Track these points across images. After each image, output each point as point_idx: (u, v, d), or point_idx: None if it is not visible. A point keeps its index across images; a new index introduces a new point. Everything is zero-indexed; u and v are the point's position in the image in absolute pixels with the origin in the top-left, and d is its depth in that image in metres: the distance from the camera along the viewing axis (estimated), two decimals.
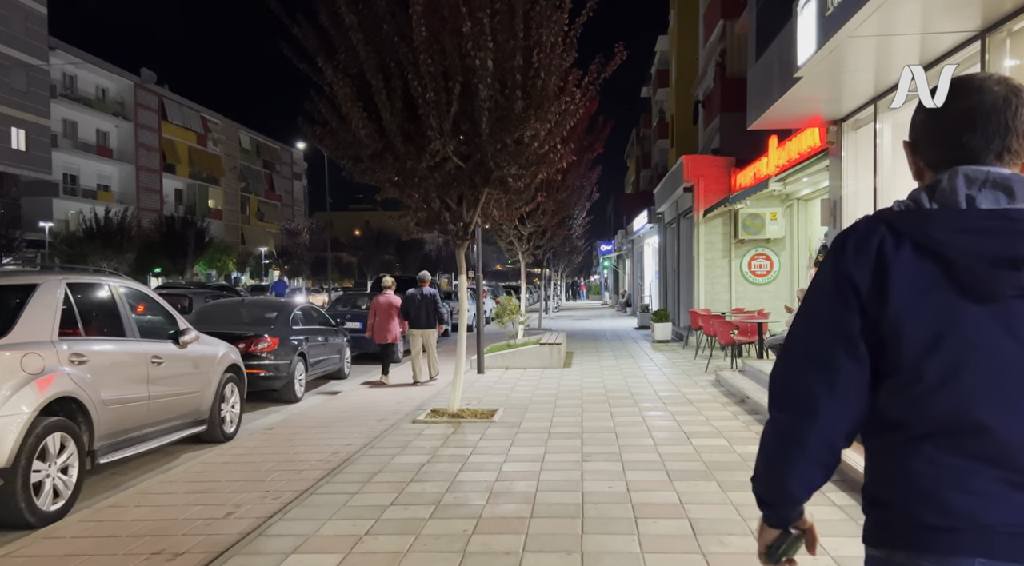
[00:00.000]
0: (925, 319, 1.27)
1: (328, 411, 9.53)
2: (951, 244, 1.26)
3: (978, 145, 1.33)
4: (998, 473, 1.25)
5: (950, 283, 1.26)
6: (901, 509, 1.31)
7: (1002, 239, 1.24)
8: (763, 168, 14.46)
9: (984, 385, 1.25)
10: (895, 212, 1.34)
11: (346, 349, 13.59)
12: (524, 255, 16.90)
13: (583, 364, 13.92)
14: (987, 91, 1.34)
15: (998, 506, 1.25)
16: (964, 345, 1.26)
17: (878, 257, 1.30)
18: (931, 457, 1.28)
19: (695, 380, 11.39)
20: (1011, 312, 1.25)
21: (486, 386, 11.16)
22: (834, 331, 1.34)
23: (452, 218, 8.67)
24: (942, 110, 1.37)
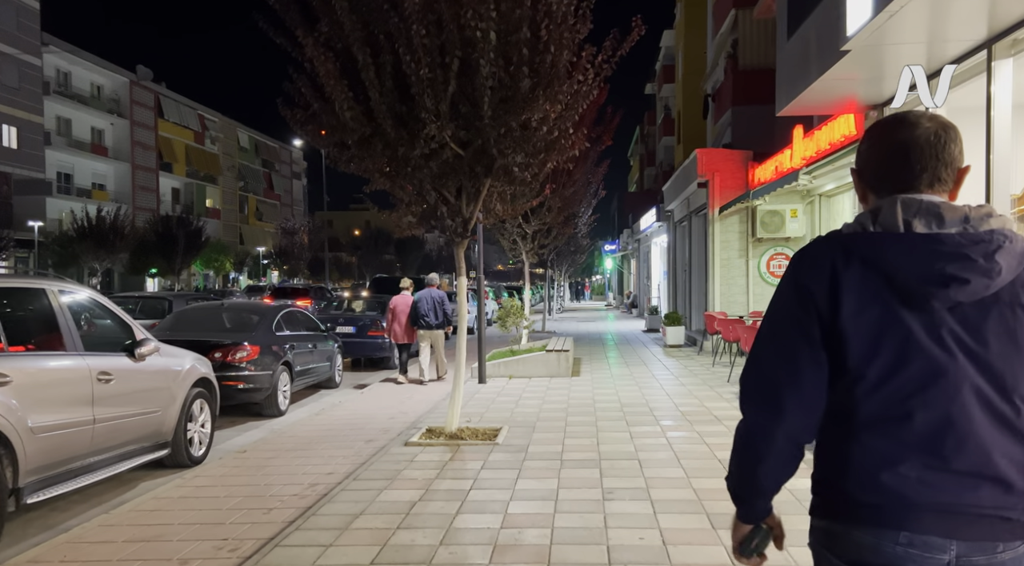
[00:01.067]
0: (869, 325, 1.48)
1: (313, 428, 8.54)
2: (891, 263, 1.47)
3: (912, 175, 1.55)
4: (923, 459, 1.45)
5: (890, 295, 1.48)
6: (841, 488, 1.51)
7: (932, 260, 1.45)
8: (786, 161, 13.46)
9: (914, 384, 1.46)
10: (846, 234, 1.56)
11: (337, 356, 12.60)
12: (528, 255, 15.92)
13: (593, 372, 12.92)
14: (920, 127, 1.55)
15: (922, 487, 1.44)
16: (899, 349, 1.47)
17: (832, 271, 1.50)
18: (868, 444, 1.48)
19: (718, 392, 10.39)
20: (939, 322, 1.47)
21: (488, 399, 10.16)
22: (797, 337, 1.53)
23: (450, 213, 7.69)
24: (882, 143, 1.59)
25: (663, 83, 44.32)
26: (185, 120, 63.36)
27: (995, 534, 1.42)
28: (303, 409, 10.35)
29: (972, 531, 1.42)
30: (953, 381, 1.44)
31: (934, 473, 1.43)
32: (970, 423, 1.43)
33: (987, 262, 1.43)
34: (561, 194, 15.30)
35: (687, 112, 35.29)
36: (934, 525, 1.42)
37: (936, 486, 1.43)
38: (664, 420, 8.32)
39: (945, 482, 1.43)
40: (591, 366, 13.91)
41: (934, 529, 1.42)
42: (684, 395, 10.19)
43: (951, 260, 1.44)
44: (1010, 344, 1.46)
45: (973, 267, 1.43)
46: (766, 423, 1.55)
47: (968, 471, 1.42)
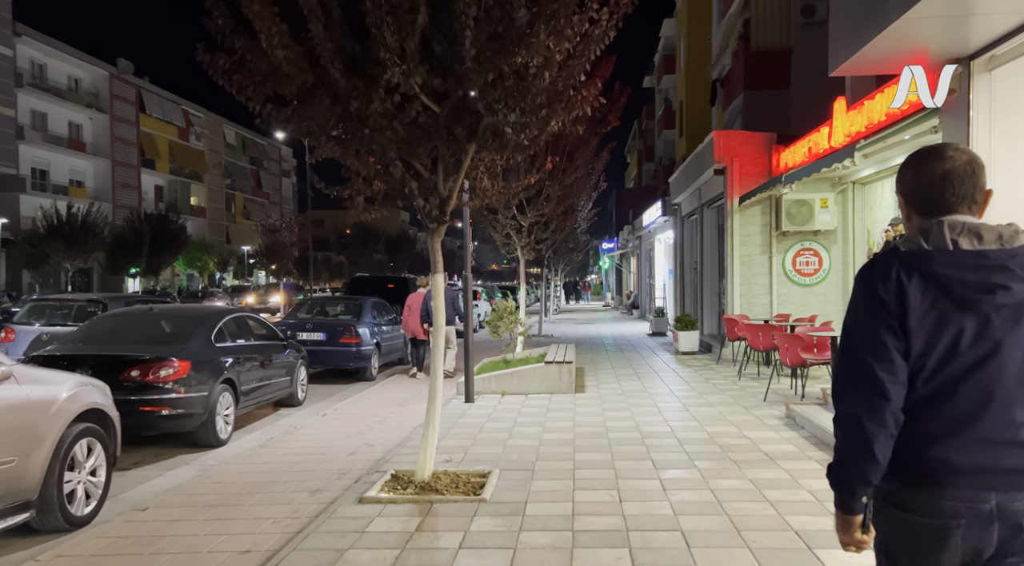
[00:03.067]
0: (929, 326, 1.83)
1: (251, 467, 6.67)
2: (945, 275, 1.84)
3: (956, 200, 1.92)
4: (968, 432, 1.82)
5: (947, 301, 1.83)
6: (902, 457, 1.86)
7: (980, 272, 1.83)
8: (823, 141, 11.62)
9: (963, 372, 1.83)
10: (904, 251, 1.90)
11: (300, 369, 10.72)
12: (524, 251, 14.08)
13: (600, 387, 11.05)
14: (957, 160, 1.92)
15: (965, 455, 1.82)
16: (952, 345, 1.83)
17: (898, 283, 1.86)
18: (922, 421, 1.86)
19: (757, 416, 8.53)
20: (987, 322, 1.83)
21: (475, 424, 8.30)
22: (883, 329, 1.85)
23: (422, 190, 5.81)
24: (925, 173, 1.95)
25: (663, 74, 42.54)
26: (168, 115, 61.29)
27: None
28: (251, 436, 8.48)
29: (1008, 483, 1.81)
30: (995, 370, 1.83)
31: (976, 444, 1.82)
32: (1008, 403, 1.83)
33: (1022, 270, 1.83)
34: (562, 181, 13.45)
35: (690, 102, 33.50)
36: (975, 483, 1.81)
37: (977, 453, 1.82)
38: (701, 460, 6.45)
39: (985, 450, 1.82)
40: (597, 379, 12.04)
41: (975, 486, 1.81)
42: (715, 419, 8.33)
43: (995, 271, 1.83)
44: None
45: (1013, 276, 1.83)
46: (874, 408, 1.84)
47: (1003, 441, 1.82)
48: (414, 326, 13.11)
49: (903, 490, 1.88)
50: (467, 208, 9.48)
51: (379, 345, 13.68)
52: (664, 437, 7.44)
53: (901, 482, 1.88)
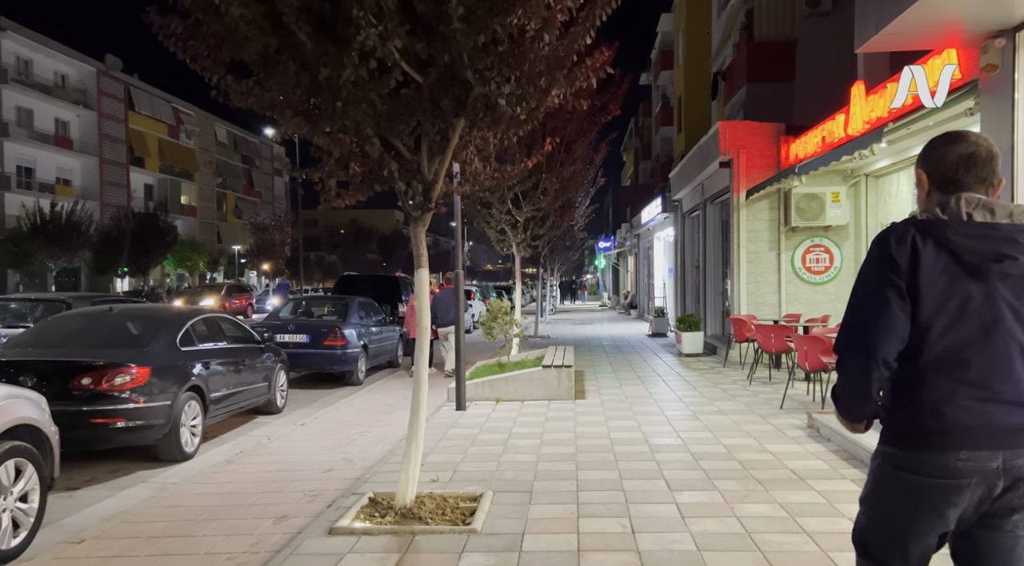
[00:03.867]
0: (939, 289, 1.99)
1: (214, 487, 5.92)
2: (958, 243, 2.01)
3: (974, 180, 2.10)
4: (977, 392, 1.97)
5: (957, 267, 1.99)
6: (914, 419, 2.01)
7: (990, 242, 2.00)
8: (838, 129, 10.91)
9: (971, 334, 1.98)
10: (921, 220, 2.07)
11: (279, 373, 9.96)
12: (519, 248, 13.33)
13: (602, 393, 10.31)
14: (979, 145, 2.11)
15: (975, 414, 1.96)
16: (961, 308, 1.98)
17: (912, 247, 2.01)
18: (933, 382, 2.00)
19: (776, 426, 7.80)
20: (993, 289, 1.98)
21: (467, 436, 7.55)
22: (888, 288, 2.01)
23: (403, 173, 5.06)
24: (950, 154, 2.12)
25: (660, 70, 41.85)
26: (158, 113, 60.30)
27: None
28: (221, 448, 7.71)
29: (1013, 441, 1.96)
30: (1002, 333, 1.98)
31: (985, 403, 1.96)
32: (1011, 364, 1.98)
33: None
34: (559, 174, 12.71)
35: (689, 97, 32.83)
36: (986, 442, 1.95)
37: (986, 413, 1.96)
38: (721, 479, 5.71)
39: (994, 409, 1.96)
40: (597, 383, 11.30)
41: (986, 445, 1.95)
42: (731, 430, 7.59)
43: (1004, 243, 2.00)
44: None
45: (1020, 248, 2.00)
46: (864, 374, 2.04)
47: (1010, 400, 1.97)
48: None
49: (915, 456, 2.01)
50: (457, 196, 8.74)
51: (366, 347, 12.93)
52: (676, 451, 6.70)
53: (914, 448, 2.02)
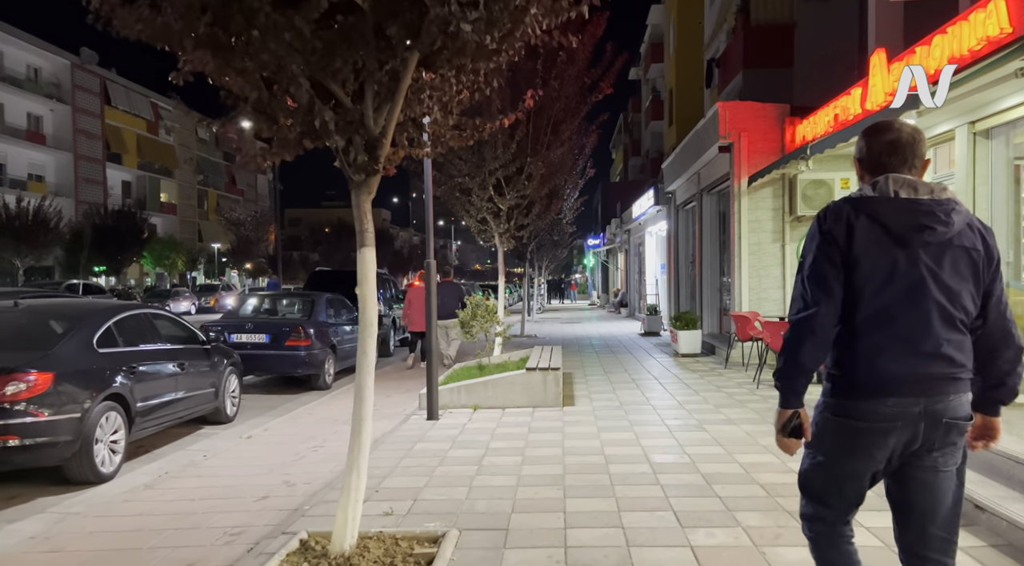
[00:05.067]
0: (871, 257, 2.27)
1: (117, 522, 4.78)
2: (886, 215, 2.29)
3: (898, 163, 2.38)
4: (903, 346, 2.25)
5: (886, 238, 2.28)
6: (852, 372, 2.31)
7: (913, 215, 2.28)
8: (853, 105, 9.86)
9: (898, 296, 2.27)
10: (855, 197, 2.37)
11: (229, 378, 8.81)
12: (503, 239, 12.22)
13: (593, 398, 9.21)
14: (902, 132, 2.39)
15: (901, 365, 2.25)
16: (889, 273, 2.27)
17: (847, 222, 2.31)
18: (866, 339, 2.28)
19: None
20: (916, 256, 2.27)
21: (435, 452, 6.42)
22: (826, 263, 2.31)
23: (341, 125, 3.92)
24: (878, 142, 2.41)
25: (650, 64, 40.90)
26: (136, 108, 58.76)
27: (947, 388, 2.27)
28: (151, 467, 6.53)
29: (933, 389, 2.26)
30: (923, 294, 2.27)
31: (910, 356, 2.25)
32: (931, 322, 2.26)
33: (946, 217, 2.27)
34: (546, 158, 11.60)
35: (680, 89, 31.82)
36: (910, 390, 2.25)
37: (911, 364, 2.25)
38: (745, 512, 4.61)
39: (917, 361, 2.25)
40: (588, 387, 10.20)
41: (910, 392, 2.25)
42: (744, 444, 6.50)
43: (925, 215, 2.27)
44: (956, 272, 2.29)
45: (938, 220, 2.27)
46: (808, 320, 2.30)
47: (930, 352, 2.25)
48: (414, 318, 13.31)
49: (852, 404, 2.31)
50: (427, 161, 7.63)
51: (335, 348, 11.78)
52: (684, 471, 5.60)
53: (849, 396, 2.32)
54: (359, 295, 4.10)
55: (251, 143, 3.97)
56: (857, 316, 2.28)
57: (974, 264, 2.30)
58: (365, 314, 4.05)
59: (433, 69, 4.01)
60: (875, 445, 2.28)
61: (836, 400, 2.34)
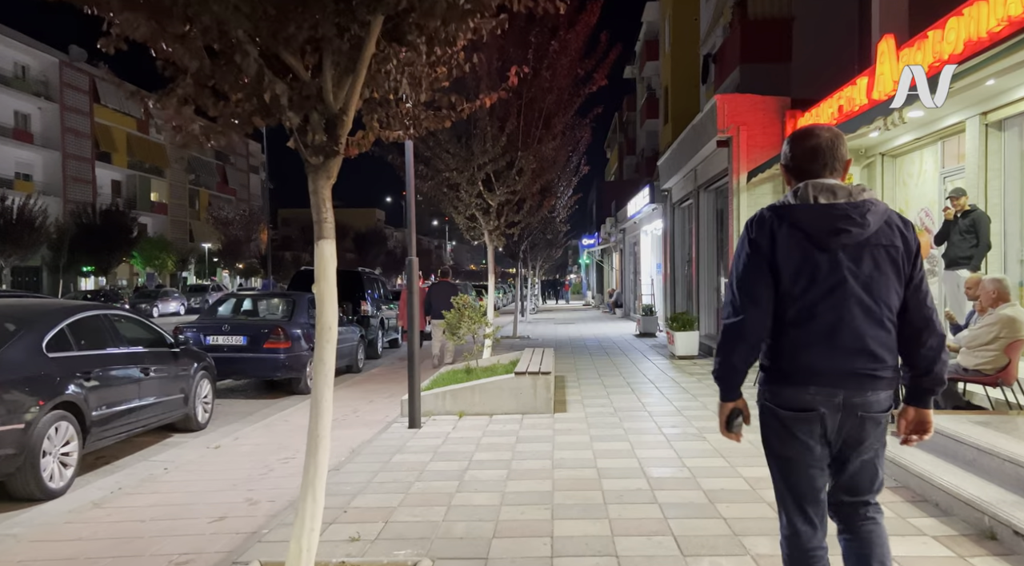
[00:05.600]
0: (794, 262, 2.40)
1: (49, 550, 4.28)
2: (806, 223, 2.41)
3: (819, 167, 2.49)
4: (825, 342, 2.38)
5: (807, 243, 2.40)
6: (780, 364, 2.45)
7: (831, 219, 2.39)
8: (859, 95, 9.41)
9: (820, 296, 2.39)
10: (778, 206, 2.49)
11: (201, 383, 8.31)
12: (493, 236, 11.74)
13: (586, 404, 8.73)
14: (821, 137, 2.51)
15: (823, 359, 2.38)
16: (812, 275, 2.39)
17: (771, 230, 2.43)
18: (792, 335, 2.42)
19: None
20: (836, 258, 2.39)
21: (413, 465, 5.93)
22: (755, 270, 2.43)
23: (297, 100, 3.44)
24: (800, 148, 2.54)
25: (645, 61, 40.44)
26: (126, 106, 57.91)
27: (865, 385, 2.39)
28: (107, 480, 6.02)
29: (852, 383, 2.39)
30: (844, 293, 2.39)
31: (831, 350, 2.38)
32: (853, 319, 2.38)
33: (862, 219, 2.39)
34: (537, 152, 11.12)
35: (676, 86, 31.37)
36: (830, 381, 2.38)
37: (832, 358, 2.38)
38: (754, 537, 4.12)
39: (837, 355, 2.38)
40: (581, 392, 9.72)
41: (830, 383, 2.38)
42: (749, 455, 6.02)
43: (842, 219, 2.38)
44: (876, 269, 2.41)
45: (854, 222, 2.38)
46: (738, 325, 2.44)
47: (852, 348, 2.38)
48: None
49: (778, 390, 2.46)
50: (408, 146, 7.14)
51: None
52: (684, 487, 5.12)
53: (777, 384, 2.46)
54: (315, 294, 3.61)
55: (191, 120, 3.47)
56: (786, 315, 2.42)
57: (894, 260, 2.42)
58: (323, 317, 3.56)
59: (401, 38, 3.52)
60: (804, 432, 2.43)
61: (767, 388, 2.50)
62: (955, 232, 8.36)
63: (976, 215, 8.19)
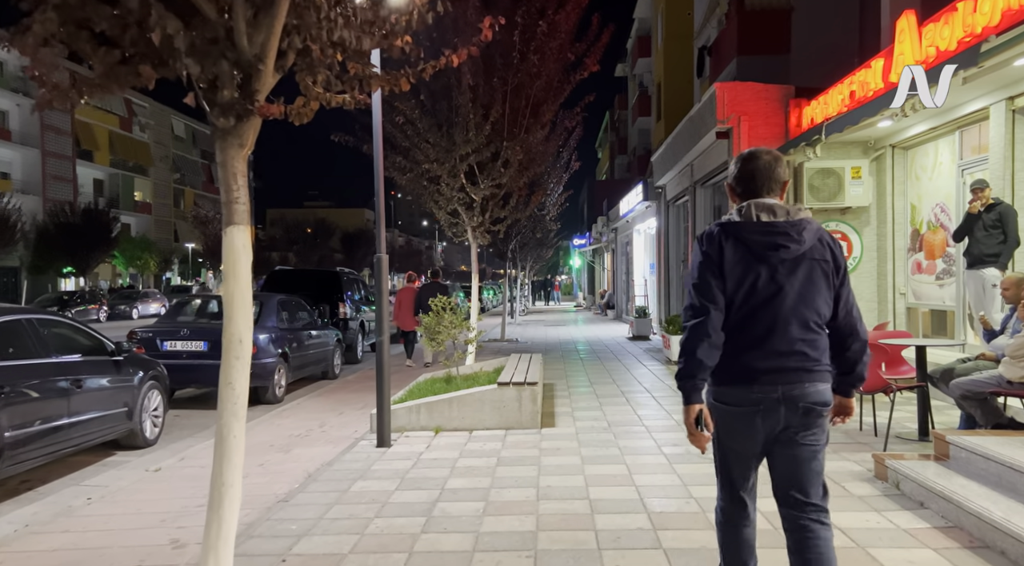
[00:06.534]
0: (738, 273, 2.65)
1: None
2: (748, 238, 2.67)
3: (760, 188, 2.76)
4: (763, 345, 2.64)
5: (750, 256, 2.65)
6: (726, 366, 2.66)
7: (770, 236, 2.66)
8: (873, 78, 8.65)
9: (760, 303, 2.65)
10: (725, 223, 2.75)
11: (150, 394, 7.47)
12: (477, 234, 10.92)
13: (576, 417, 7.92)
14: (761, 160, 2.77)
15: (761, 360, 2.64)
16: (752, 285, 2.64)
17: (719, 244, 2.68)
18: (736, 339, 2.66)
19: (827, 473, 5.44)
20: (775, 270, 2.65)
21: (377, 494, 5.10)
22: (711, 277, 2.66)
23: (200, 45, 2.62)
24: (743, 170, 2.80)
25: (637, 58, 39.71)
26: (108, 104, 56.85)
27: (802, 378, 2.64)
28: (20, 513, 5.17)
29: (788, 378, 2.63)
30: (780, 302, 2.64)
31: (768, 353, 2.63)
32: (787, 324, 2.64)
33: (799, 236, 2.65)
34: (524, 142, 10.30)
35: (669, 82, 30.63)
36: (768, 379, 2.63)
37: (768, 359, 2.63)
38: None
39: (774, 356, 2.63)
40: (572, 402, 8.91)
41: (769, 381, 2.63)
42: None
43: (780, 236, 2.65)
44: (810, 281, 2.66)
45: (791, 239, 2.65)
46: (701, 324, 2.62)
47: (785, 350, 2.64)
48: (404, 319, 13.53)
49: (724, 389, 2.70)
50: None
51: (287, 356, 10.44)
52: (693, 525, 4.31)
53: (723, 384, 2.71)
54: (224, 296, 2.77)
55: (54, 67, 2.64)
56: (730, 320, 2.66)
57: (825, 273, 2.68)
58: (231, 325, 2.73)
59: None
60: (747, 425, 2.68)
61: (715, 388, 2.73)
62: (979, 228, 7.61)
63: (1002, 208, 7.44)
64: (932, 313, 10.37)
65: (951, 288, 9.65)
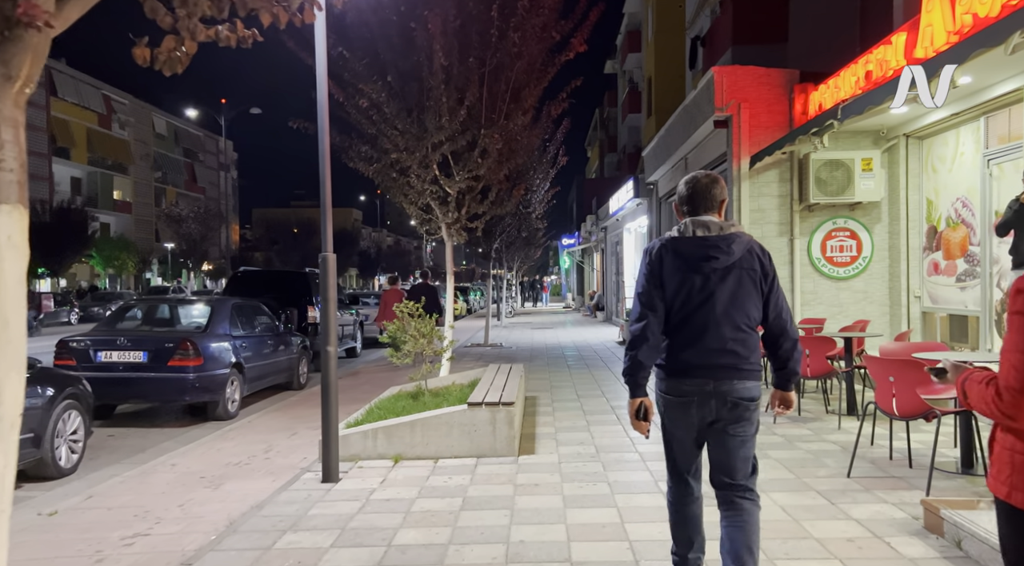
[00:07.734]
0: (675, 282, 3.02)
1: None
2: (684, 251, 3.05)
3: (699, 206, 3.14)
4: (697, 344, 3.00)
5: (685, 267, 3.02)
6: (666, 362, 3.07)
7: (703, 249, 3.03)
8: (893, 56, 7.70)
9: (694, 308, 3.01)
10: (667, 238, 3.12)
11: (66, 416, 6.46)
12: (452, 232, 9.91)
13: (560, 442, 6.91)
14: (699, 182, 3.17)
15: (695, 356, 3.00)
16: (688, 292, 3.01)
17: (660, 256, 3.08)
18: (673, 339, 3.05)
19: (865, 523, 4.42)
20: (708, 279, 3.01)
21: (305, 552, 4.08)
22: (653, 288, 3.05)
23: None
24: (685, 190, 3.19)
25: (627, 54, 38.79)
26: (86, 100, 55.56)
27: (731, 375, 3.00)
28: None
29: (720, 374, 2.99)
30: (712, 306, 3.00)
31: (701, 350, 2.99)
32: (718, 326, 2.99)
33: (727, 248, 3.01)
34: (504, 129, 9.28)
35: (660, 77, 29.73)
36: (702, 374, 2.99)
37: (702, 356, 2.99)
38: None
39: (706, 354, 2.99)
40: (556, 421, 7.91)
41: (701, 375, 2.99)
42: (787, 534, 4.22)
43: (711, 248, 3.02)
44: (740, 287, 3.02)
45: (721, 251, 3.01)
46: (643, 328, 3.02)
47: (716, 348, 2.99)
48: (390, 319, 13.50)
49: (665, 381, 3.08)
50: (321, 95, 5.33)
51: (241, 367, 9.39)
52: None
53: (665, 376, 3.08)
54: None
55: None
56: (670, 323, 3.06)
57: (754, 281, 3.06)
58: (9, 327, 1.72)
59: None
60: (684, 414, 3.08)
61: (660, 380, 3.14)
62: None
63: None
64: (951, 318, 9.44)
65: (974, 291, 8.72)
